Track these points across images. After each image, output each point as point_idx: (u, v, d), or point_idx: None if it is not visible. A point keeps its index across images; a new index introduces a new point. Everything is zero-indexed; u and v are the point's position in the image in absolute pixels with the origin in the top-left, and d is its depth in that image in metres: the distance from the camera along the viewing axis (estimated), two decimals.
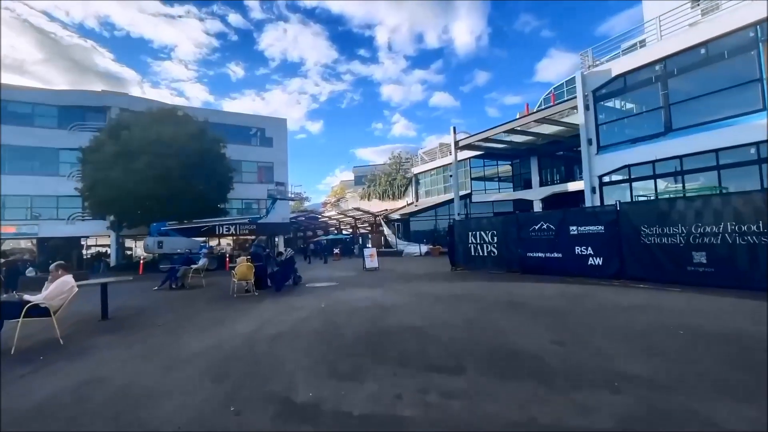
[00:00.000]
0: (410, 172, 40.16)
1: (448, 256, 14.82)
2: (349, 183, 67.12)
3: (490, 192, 32.60)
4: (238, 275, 9.38)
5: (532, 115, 21.37)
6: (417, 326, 5.18)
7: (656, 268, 8.44)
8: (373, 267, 16.51)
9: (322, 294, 9.14)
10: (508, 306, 6.40)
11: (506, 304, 6.61)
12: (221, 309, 7.54)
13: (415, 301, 7.29)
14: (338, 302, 7.62)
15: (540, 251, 11.18)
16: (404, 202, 39.37)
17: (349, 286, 10.44)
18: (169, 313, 7.40)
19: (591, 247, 9.84)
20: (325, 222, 47.81)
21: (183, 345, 4.85)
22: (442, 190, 35.34)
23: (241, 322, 6.13)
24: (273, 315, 6.56)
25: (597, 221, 9.72)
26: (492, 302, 6.84)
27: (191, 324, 6.25)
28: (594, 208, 10.35)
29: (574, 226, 10.24)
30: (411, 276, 12.75)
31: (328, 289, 10.17)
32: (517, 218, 11.94)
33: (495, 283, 9.69)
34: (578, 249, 10.14)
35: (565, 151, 27.64)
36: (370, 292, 8.91)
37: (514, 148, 28.10)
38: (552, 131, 24.41)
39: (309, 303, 7.74)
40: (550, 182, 28.88)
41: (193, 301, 8.92)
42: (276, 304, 7.87)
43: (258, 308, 7.37)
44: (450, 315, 5.88)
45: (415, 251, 27.15)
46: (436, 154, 37.72)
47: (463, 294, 7.98)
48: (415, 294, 8.31)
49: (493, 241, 12.66)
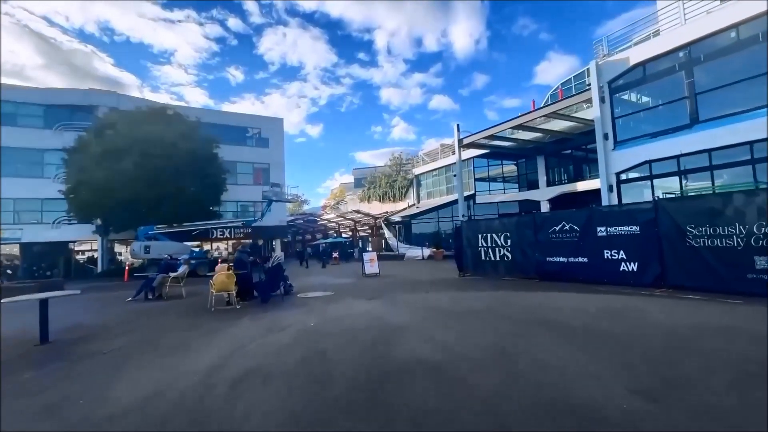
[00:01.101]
0: (411, 173, 38.91)
1: (455, 260, 13.53)
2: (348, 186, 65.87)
3: (494, 193, 31.34)
4: (216, 286, 8.09)
5: (542, 110, 20.13)
6: (433, 361, 3.89)
7: (707, 276, 7.15)
8: (374, 273, 15.23)
9: (314, 307, 7.85)
10: (542, 326, 5.11)
11: (538, 323, 5.32)
12: (190, 328, 6.25)
13: (424, 319, 5.99)
14: (331, 320, 6.33)
15: (561, 255, 9.89)
16: (405, 204, 38.11)
17: (347, 297, 9.15)
18: (127, 333, 6.11)
19: (623, 250, 8.55)
20: (324, 225, 46.51)
21: (115, 389, 3.57)
22: (445, 191, 34.08)
23: (206, 349, 4.84)
24: (249, 338, 5.27)
25: (631, 221, 8.44)
26: (520, 320, 5.55)
27: (146, 350, 4.98)
28: (628, 205, 9.09)
29: (603, 226, 8.96)
30: (415, 283, 11.46)
31: (322, 300, 8.87)
32: (534, 219, 10.66)
33: (513, 293, 8.39)
34: (608, 253, 8.85)
35: (573, 149, 26.40)
36: (370, 305, 7.63)
37: (520, 147, 26.88)
38: (561, 127, 23.18)
39: (296, 320, 6.45)
40: (558, 182, 27.61)
41: (163, 316, 7.63)
42: (257, 321, 6.58)
43: (234, 328, 6.08)
44: (472, 341, 4.59)
45: (417, 255, 25.85)
46: (437, 154, 36.48)
47: (480, 308, 6.68)
48: (422, 308, 7.02)
49: (506, 245, 11.38)
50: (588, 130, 22.56)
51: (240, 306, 8.44)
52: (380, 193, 41.45)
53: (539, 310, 6.23)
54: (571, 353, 3.91)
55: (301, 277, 17.52)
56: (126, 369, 4.23)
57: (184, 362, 4.32)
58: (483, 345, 4.38)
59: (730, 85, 12.65)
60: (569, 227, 9.72)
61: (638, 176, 15.83)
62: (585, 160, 26.36)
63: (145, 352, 4.91)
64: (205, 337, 5.50)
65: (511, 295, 8.23)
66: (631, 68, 15.33)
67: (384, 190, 41.03)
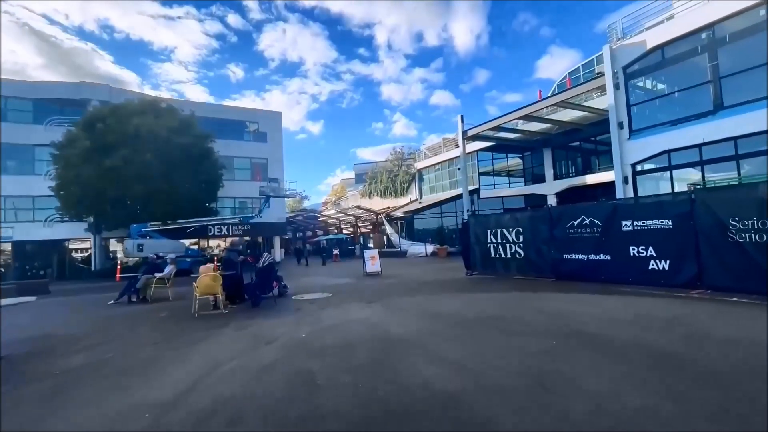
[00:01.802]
0: (413, 167, 37.98)
1: (462, 258, 12.69)
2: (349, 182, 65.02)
3: (499, 187, 30.39)
4: (200, 289, 7.27)
5: (551, 99, 19.18)
6: (449, 392, 3.05)
7: (752, 276, 6.27)
8: (375, 271, 14.42)
9: (308, 313, 7.03)
10: (577, 340, 4.27)
11: (570, 335, 4.48)
12: (164, 340, 5.44)
13: (431, 329, 5.16)
14: (326, 330, 5.50)
15: (580, 252, 9.03)
16: (407, 199, 37.21)
17: (345, 300, 8.33)
18: (92, 347, 5.31)
19: (653, 246, 7.68)
20: (324, 222, 45.69)
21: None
22: (448, 186, 33.16)
23: (174, 370, 4.03)
24: (227, 355, 4.45)
25: (662, 213, 7.56)
26: (547, 331, 4.71)
27: (102, 371, 4.17)
28: (658, 197, 8.21)
29: (629, 220, 8.08)
30: (419, 284, 10.63)
31: (317, 304, 8.05)
32: (550, 213, 9.79)
33: (530, 295, 7.55)
34: (634, 249, 7.99)
35: (582, 141, 25.43)
36: (370, 311, 6.80)
37: (527, 139, 25.93)
38: (570, 118, 22.23)
39: (286, 330, 5.63)
40: (566, 175, 26.66)
41: (140, 324, 6.83)
42: (242, 331, 5.76)
43: (213, 340, 5.27)
44: (494, 361, 3.76)
45: (420, 252, 25.02)
46: (439, 148, 35.50)
47: (496, 315, 5.84)
48: (429, 314, 6.18)
49: (519, 241, 10.52)
50: (599, 120, 21.60)
51: (228, 311, 7.64)
52: (381, 188, 40.55)
53: (566, 318, 5.38)
54: (628, 380, 3.06)
55: (300, 276, 16.73)
56: (70, 397, 3.42)
57: (140, 391, 3.49)
58: (509, 367, 3.54)
59: (757, 68, 11.69)
60: (589, 221, 8.85)
61: (656, 167, 14.92)
62: (594, 152, 25.39)
63: (101, 374, 4.09)
64: (177, 353, 4.69)
65: (527, 297, 7.38)
66: (648, 52, 14.37)
67: (385, 186, 40.12)
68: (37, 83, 25.49)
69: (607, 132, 22.55)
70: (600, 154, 25.18)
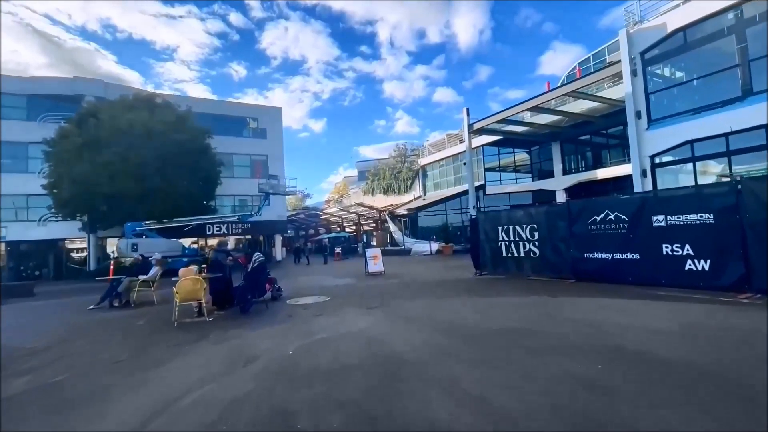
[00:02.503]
0: (416, 164, 37.09)
1: (470, 256, 11.84)
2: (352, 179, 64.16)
3: (506, 183, 29.46)
4: (180, 294, 6.47)
5: (563, 88, 18.20)
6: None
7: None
8: (377, 271, 13.61)
9: (300, 321, 6.22)
10: (621, 361, 3.43)
11: (613, 356, 3.63)
12: (129, 357, 4.65)
13: (443, 348, 4.32)
14: (318, 346, 4.68)
15: (604, 251, 8.15)
16: (410, 196, 36.36)
17: (344, 305, 7.51)
18: (41, 367, 4.52)
19: (690, 244, 6.79)
20: (326, 220, 44.94)
21: None
22: (452, 182, 32.26)
23: (123, 403, 3.23)
24: (191, 382, 3.64)
25: (701, 207, 6.67)
26: (585, 351, 3.86)
27: (41, 402, 3.38)
28: (697, 188, 7.34)
29: (661, 215, 7.20)
30: (425, 285, 9.80)
31: (313, 309, 7.24)
32: (569, 208, 8.89)
33: (551, 300, 6.70)
34: (667, 248, 7.10)
35: (592, 134, 24.41)
36: (371, 320, 5.98)
37: (534, 132, 24.96)
38: (581, 109, 21.24)
39: (272, 345, 4.82)
40: (575, 170, 25.68)
41: (111, 334, 6.04)
42: (219, 345, 4.95)
43: (183, 359, 4.47)
44: (529, 397, 2.91)
45: (424, 250, 24.18)
46: (443, 144, 34.56)
47: (519, 327, 4.99)
48: (439, 325, 5.34)
49: (533, 238, 9.65)
50: (611, 111, 20.62)
51: (213, 318, 6.85)
52: (384, 185, 39.70)
53: (600, 329, 4.53)
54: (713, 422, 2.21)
55: (299, 275, 15.97)
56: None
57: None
58: (551, 407, 2.70)
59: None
60: (614, 216, 7.96)
61: (675, 159, 13.97)
62: (605, 146, 24.38)
63: (35, 407, 3.30)
64: (134, 379, 3.88)
65: (549, 303, 6.53)
66: (669, 35, 13.39)
67: (388, 182, 39.27)
68: (30, 79, 24.83)
69: (619, 124, 21.66)
70: (611, 148, 24.20)
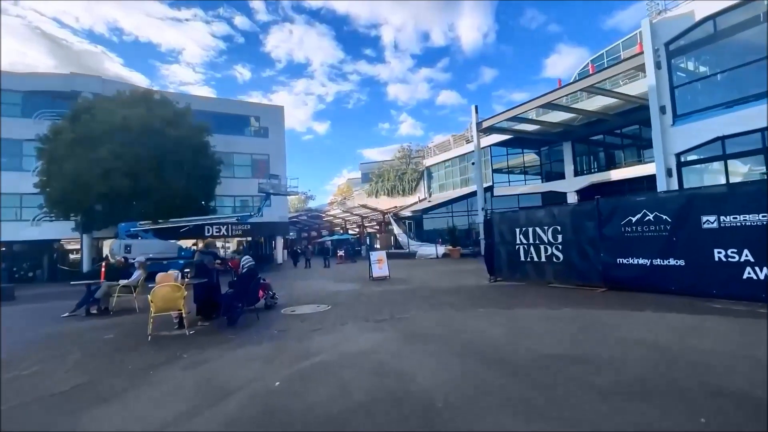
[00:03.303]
0: (421, 165, 36.18)
1: (483, 260, 10.90)
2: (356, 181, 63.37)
3: (514, 185, 28.46)
4: (157, 303, 5.56)
5: (578, 83, 17.24)
6: None
7: None
8: (382, 276, 12.68)
9: (294, 337, 5.30)
10: (728, 407, 2.49)
11: (718, 401, 2.69)
12: (73, 388, 3.74)
13: (479, 382, 3.35)
14: (312, 374, 3.74)
15: (641, 256, 7.19)
16: (415, 197, 35.44)
17: (346, 316, 6.58)
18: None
19: (749, 249, 5.83)
20: (329, 222, 44.03)
21: None
22: (459, 183, 31.32)
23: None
24: (143, 426, 2.73)
25: (763, 205, 5.71)
26: (670, 390, 2.92)
27: None
28: (757, 183, 6.39)
29: (712, 215, 6.24)
30: (437, 293, 8.85)
31: (309, 322, 6.31)
32: (598, 207, 7.93)
33: (590, 314, 5.74)
34: (720, 253, 6.14)
35: (605, 134, 23.41)
36: (379, 338, 5.04)
37: (545, 131, 24.01)
38: (596, 107, 20.26)
39: (254, 373, 3.89)
40: (588, 171, 24.67)
41: (69, 352, 5.12)
42: (190, 372, 4.02)
43: (142, 390, 3.55)
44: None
45: (430, 253, 23.20)
46: (448, 145, 33.62)
47: (567, 353, 4.01)
48: (466, 349, 4.34)
49: (556, 241, 8.69)
50: (627, 108, 19.64)
51: (195, 330, 5.95)
52: (389, 186, 38.81)
53: (673, 355, 3.59)
54: None
55: (298, 279, 15.06)
56: None
57: None
58: None
59: None
60: (654, 217, 7.00)
61: (702, 157, 12.99)
62: (620, 146, 23.36)
63: None
64: (67, 419, 2.97)
65: (588, 317, 5.57)
66: (698, 24, 12.44)
67: (392, 184, 38.39)
68: (26, 75, 24.19)
69: (636, 122, 20.70)
70: (626, 147, 23.19)
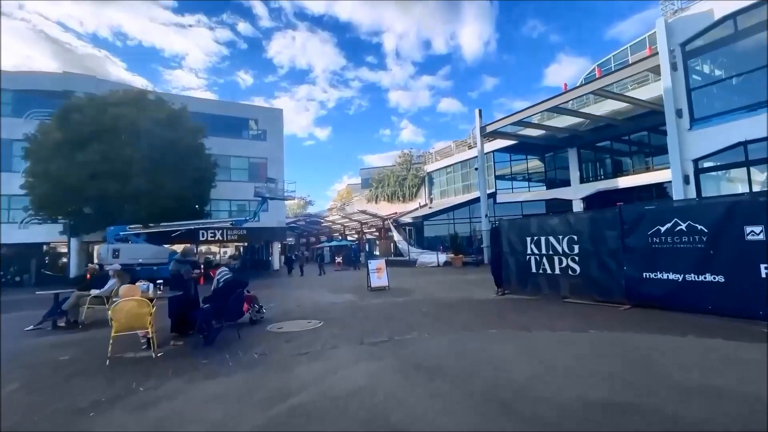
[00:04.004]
0: (422, 170, 35.47)
1: (491, 271, 10.09)
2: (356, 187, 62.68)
3: (518, 191, 27.74)
4: (119, 321, 4.76)
5: (587, 86, 16.57)
6: None
7: None
8: (381, 286, 11.88)
9: (275, 366, 4.48)
10: None
11: None
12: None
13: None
14: (287, 425, 2.94)
15: (672, 270, 6.40)
16: (416, 204, 34.66)
17: (339, 337, 5.77)
18: None
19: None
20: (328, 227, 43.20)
21: None
22: (460, 190, 30.59)
23: None
24: None
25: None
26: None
27: None
28: None
29: (758, 225, 5.47)
30: (442, 307, 8.03)
31: (297, 342, 5.50)
32: (621, 215, 7.15)
33: (620, 338, 4.93)
34: (767, 269, 5.36)
35: (612, 140, 22.74)
36: (376, 369, 4.23)
37: (551, 136, 23.36)
38: (604, 112, 19.60)
39: (220, 415, 3.09)
40: (594, 178, 23.95)
41: (12, 375, 4.33)
42: (136, 417, 3.22)
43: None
44: None
45: (431, 261, 22.36)
46: (450, 151, 32.94)
47: (617, 400, 3.19)
48: (487, 391, 3.49)
49: (572, 252, 7.91)
50: (636, 114, 19.01)
51: (163, 352, 5.14)
52: (389, 192, 38.06)
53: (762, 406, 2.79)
54: None
55: (292, 289, 14.22)
56: None
57: None
58: None
59: None
60: (687, 227, 6.22)
61: (725, 163, 12.27)
62: (628, 153, 22.67)
63: None
64: None
65: (622, 343, 4.75)
66: (717, 23, 11.79)
67: (393, 189, 37.63)
68: (18, 74, 23.57)
69: (644, 128, 20.04)
70: (634, 154, 22.50)
